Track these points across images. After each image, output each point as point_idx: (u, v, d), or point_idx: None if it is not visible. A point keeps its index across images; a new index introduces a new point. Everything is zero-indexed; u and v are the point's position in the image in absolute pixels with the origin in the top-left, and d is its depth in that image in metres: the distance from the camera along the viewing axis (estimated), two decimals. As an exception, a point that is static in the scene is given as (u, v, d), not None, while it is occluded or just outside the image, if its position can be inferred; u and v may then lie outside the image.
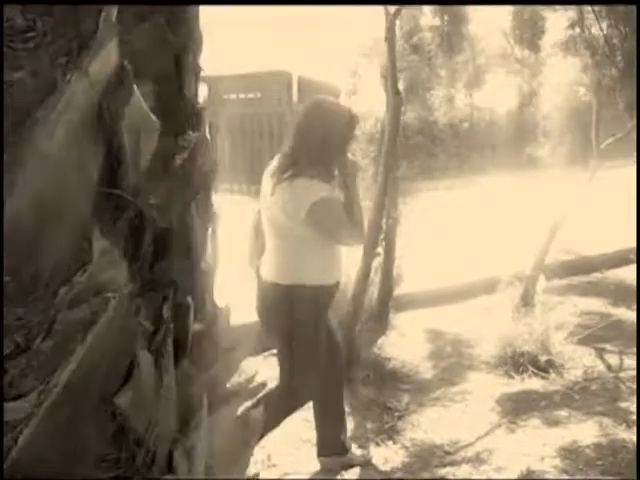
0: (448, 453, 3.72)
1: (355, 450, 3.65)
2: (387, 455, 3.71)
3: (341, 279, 3.32)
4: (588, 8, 4.33)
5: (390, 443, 3.82)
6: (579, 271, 7.53)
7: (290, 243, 3.09)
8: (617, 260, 7.90)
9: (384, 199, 4.18)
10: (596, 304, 6.48)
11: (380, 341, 5.04)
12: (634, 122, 4.76)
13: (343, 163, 3.08)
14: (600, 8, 4.25)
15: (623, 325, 5.87)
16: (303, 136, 3.05)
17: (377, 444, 3.80)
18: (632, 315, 6.16)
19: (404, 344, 5.20)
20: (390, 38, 3.79)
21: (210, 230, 2.30)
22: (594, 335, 5.45)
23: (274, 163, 3.13)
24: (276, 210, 3.03)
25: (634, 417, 4.09)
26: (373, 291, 5.03)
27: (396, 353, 5.05)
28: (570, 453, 3.65)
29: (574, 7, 4.54)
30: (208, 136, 2.36)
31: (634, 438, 3.83)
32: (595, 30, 4.51)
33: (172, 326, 1.27)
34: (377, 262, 4.95)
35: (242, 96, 15.39)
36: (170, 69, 2.17)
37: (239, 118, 15.06)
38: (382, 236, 4.75)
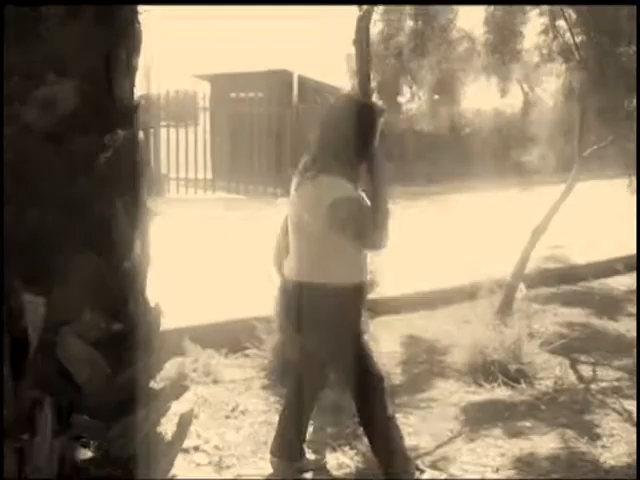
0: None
1: (309, 455, 3.61)
2: (342, 460, 3.67)
3: (366, 279, 3.25)
4: (561, 14, 4.30)
5: (347, 448, 3.78)
6: (566, 280, 7.46)
7: (311, 241, 3.06)
8: (605, 270, 7.83)
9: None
10: (579, 314, 6.43)
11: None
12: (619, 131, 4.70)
13: (371, 162, 3.04)
14: (570, 14, 4.21)
15: (602, 336, 5.83)
16: (326, 133, 3.06)
17: (334, 449, 3.76)
18: (613, 326, 6.12)
19: (377, 350, 5.15)
20: (358, 41, 3.76)
21: (140, 229, 2.28)
22: (571, 345, 5.40)
23: (302, 161, 3.14)
24: (299, 207, 3.04)
25: (598, 430, 4.05)
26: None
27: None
28: (526, 465, 3.60)
29: (547, 13, 4.51)
30: (141, 135, 2.34)
31: (595, 451, 3.79)
32: (569, 36, 4.47)
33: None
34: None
35: (242, 95, 15.37)
36: (99, 67, 2.16)
37: (240, 117, 15.04)
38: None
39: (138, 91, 2.39)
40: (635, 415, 4.28)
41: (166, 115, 15.73)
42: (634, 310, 6.66)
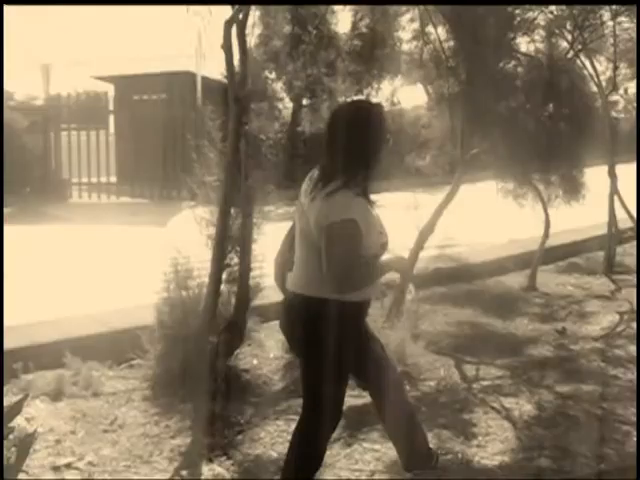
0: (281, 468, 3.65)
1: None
2: (218, 471, 3.62)
3: (372, 296, 3.11)
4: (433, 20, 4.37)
5: (224, 459, 3.73)
6: (459, 279, 7.59)
7: (313, 254, 2.89)
8: (498, 268, 8.02)
9: (228, 208, 4.10)
10: (469, 314, 6.53)
11: (237, 353, 4.96)
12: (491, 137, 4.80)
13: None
14: (439, 22, 4.26)
15: (490, 335, 5.94)
16: (334, 144, 2.91)
17: (210, 460, 3.70)
18: (503, 325, 6.24)
19: (264, 355, 5.14)
20: (226, 46, 3.71)
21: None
22: (457, 345, 5.50)
23: (316, 173, 2.97)
24: (311, 219, 2.88)
25: (475, 429, 4.12)
26: (232, 301, 4.93)
27: (254, 365, 4.99)
28: (401, 468, 3.62)
29: (418, 19, 4.57)
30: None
31: (469, 451, 3.85)
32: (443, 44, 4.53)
33: None
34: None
35: (145, 97, 15.15)
36: None
37: (143, 119, 14.80)
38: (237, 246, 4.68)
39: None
40: (514, 413, 4.38)
41: (69, 118, 15.36)
42: (528, 309, 6.83)
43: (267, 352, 5.24)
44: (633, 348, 5.64)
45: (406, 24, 4.81)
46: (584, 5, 5.42)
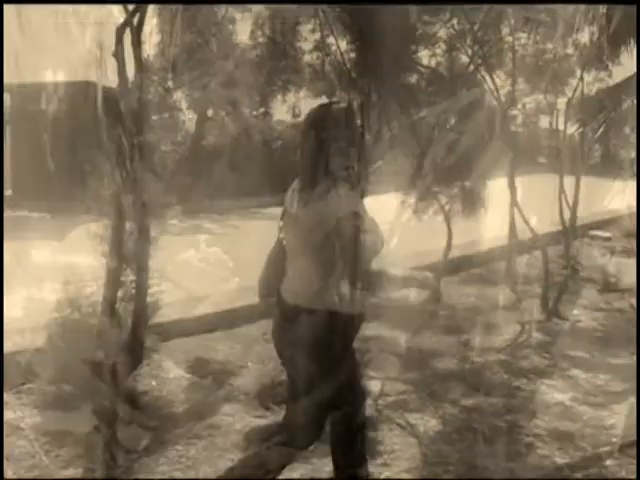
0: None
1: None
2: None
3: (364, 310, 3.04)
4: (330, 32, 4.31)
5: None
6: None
7: (314, 263, 2.85)
8: (402, 281, 8.02)
9: (122, 222, 3.92)
10: (374, 327, 6.47)
11: (135, 374, 4.75)
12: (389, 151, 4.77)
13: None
14: (340, 34, 4.22)
15: (394, 349, 5.90)
16: (315, 147, 2.90)
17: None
18: (406, 338, 6.22)
19: (163, 376, 4.94)
20: (119, 53, 3.55)
21: None
22: (362, 360, 5.42)
23: (298, 182, 2.97)
24: (307, 223, 2.84)
25: (381, 447, 4.06)
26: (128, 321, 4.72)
27: (153, 386, 4.80)
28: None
29: (319, 31, 4.52)
30: None
31: (374, 470, 3.78)
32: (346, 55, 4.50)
33: None
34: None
35: (44, 107, 14.63)
36: None
37: (42, 130, 14.28)
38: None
39: None
40: (419, 428, 4.34)
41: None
42: (433, 322, 6.83)
43: (167, 372, 5.05)
44: (536, 359, 5.73)
45: (307, 35, 4.75)
46: (577, 5, 5.45)
